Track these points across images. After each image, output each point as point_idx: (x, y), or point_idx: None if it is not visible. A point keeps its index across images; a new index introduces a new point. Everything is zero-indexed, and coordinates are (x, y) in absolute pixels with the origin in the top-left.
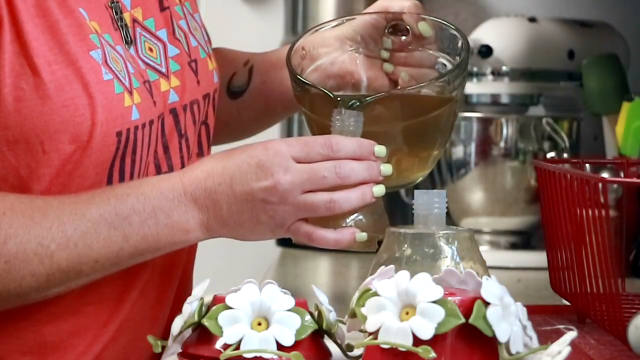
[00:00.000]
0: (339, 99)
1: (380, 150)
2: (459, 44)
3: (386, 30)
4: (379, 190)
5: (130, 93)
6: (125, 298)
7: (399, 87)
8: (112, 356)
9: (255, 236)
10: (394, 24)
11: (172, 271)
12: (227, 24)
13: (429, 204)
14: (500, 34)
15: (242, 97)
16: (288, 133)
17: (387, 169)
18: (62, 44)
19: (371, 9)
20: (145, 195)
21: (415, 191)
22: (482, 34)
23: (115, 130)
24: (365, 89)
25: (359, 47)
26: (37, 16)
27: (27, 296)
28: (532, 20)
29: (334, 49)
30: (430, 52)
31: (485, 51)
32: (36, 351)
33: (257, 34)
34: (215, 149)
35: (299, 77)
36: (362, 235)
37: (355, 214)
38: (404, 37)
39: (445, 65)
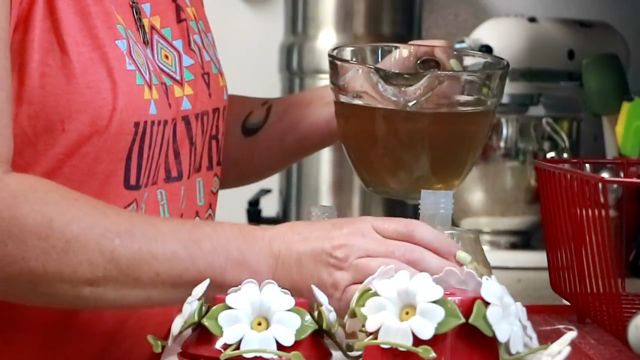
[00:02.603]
0: (385, 73)
1: (465, 257)
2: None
3: (417, 64)
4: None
5: (150, 88)
6: None
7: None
8: (116, 357)
9: (311, 294)
10: (425, 60)
11: None
12: (227, 24)
13: (435, 204)
14: (500, 34)
15: (257, 134)
16: None
17: (465, 257)
18: (91, 27)
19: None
20: (222, 227)
21: (422, 191)
22: (482, 34)
23: (133, 120)
24: None
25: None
26: None
27: (80, 288)
28: (532, 20)
29: (362, 82)
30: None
31: (485, 51)
32: (40, 345)
33: (257, 34)
34: (222, 192)
35: (338, 57)
36: None
37: None
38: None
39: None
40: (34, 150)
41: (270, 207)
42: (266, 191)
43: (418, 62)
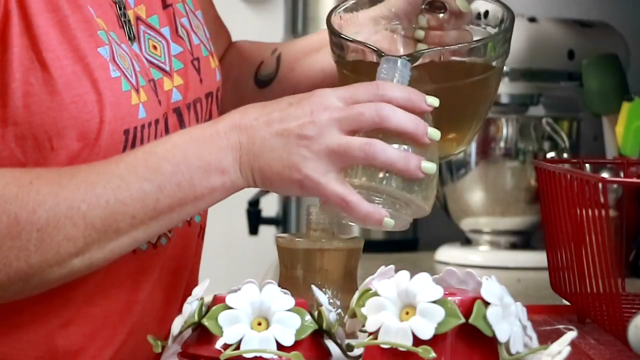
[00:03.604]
0: (382, 54)
1: (433, 100)
2: (500, 15)
3: (423, 7)
4: (428, 166)
5: (137, 91)
6: (134, 299)
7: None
8: (122, 359)
9: (283, 183)
10: (431, 1)
11: (180, 273)
12: (227, 24)
13: (392, 70)
14: None
15: (271, 86)
16: None
17: (434, 132)
18: (71, 39)
19: None
20: (174, 143)
21: (382, 57)
22: None
23: (123, 128)
24: None
25: (393, 26)
26: (47, 10)
27: (69, 264)
28: (532, 20)
29: (366, 28)
30: (468, 28)
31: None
32: (48, 356)
33: (257, 34)
34: None
35: (340, 35)
36: (389, 222)
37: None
38: (441, 15)
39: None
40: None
41: (270, 207)
42: (266, 191)
43: (424, 5)
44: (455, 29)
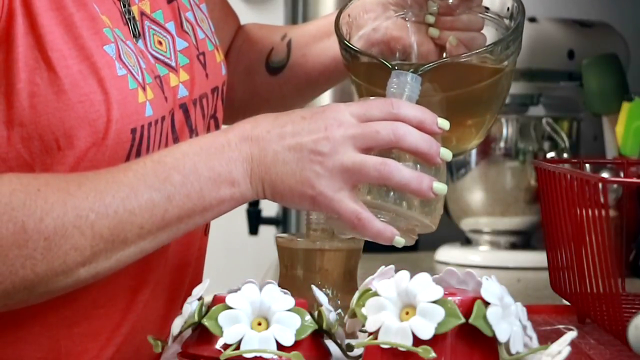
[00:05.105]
0: (390, 66)
1: (444, 122)
2: (510, 6)
3: None
4: (440, 187)
5: (144, 89)
6: (136, 299)
7: (446, 54)
8: (124, 358)
9: (294, 197)
10: None
11: (183, 270)
12: None
13: (402, 84)
14: None
15: (283, 72)
16: None
17: (447, 153)
18: (76, 37)
19: None
20: (184, 152)
21: (393, 71)
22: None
23: (130, 127)
24: (411, 54)
25: (403, 12)
26: (52, 9)
27: (75, 273)
28: (532, 20)
29: (376, 15)
30: (479, 15)
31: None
32: (51, 356)
33: None
34: None
35: (349, 45)
36: (400, 241)
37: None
38: (450, 0)
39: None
40: (32, 173)
41: (270, 207)
42: None
43: None
44: (465, 13)
